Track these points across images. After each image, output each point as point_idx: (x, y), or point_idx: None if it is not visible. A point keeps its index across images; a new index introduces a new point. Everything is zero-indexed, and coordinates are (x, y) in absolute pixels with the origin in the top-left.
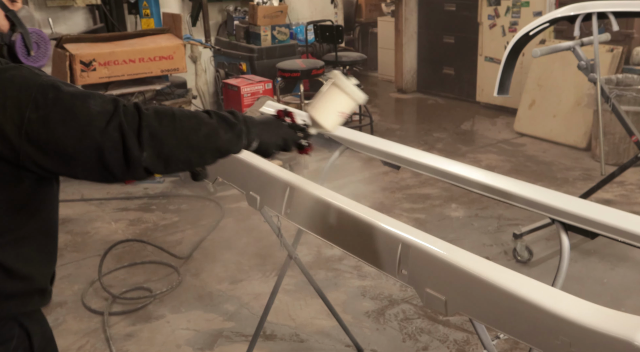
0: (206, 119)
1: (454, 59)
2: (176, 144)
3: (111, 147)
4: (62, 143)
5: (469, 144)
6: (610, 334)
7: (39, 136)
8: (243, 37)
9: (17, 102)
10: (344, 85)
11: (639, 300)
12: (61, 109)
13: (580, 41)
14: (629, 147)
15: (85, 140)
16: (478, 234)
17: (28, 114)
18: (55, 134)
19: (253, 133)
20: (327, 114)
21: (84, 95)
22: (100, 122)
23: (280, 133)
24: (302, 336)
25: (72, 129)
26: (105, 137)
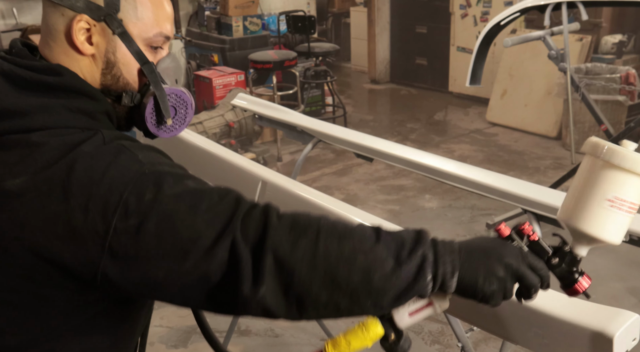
0: (368, 243)
1: (426, 49)
2: (314, 278)
3: (214, 276)
4: (151, 265)
5: (442, 135)
6: (583, 326)
7: (126, 252)
8: (214, 28)
9: (103, 205)
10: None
11: (610, 287)
12: (158, 218)
13: (551, 31)
14: (598, 135)
15: (182, 264)
16: (452, 224)
17: (115, 223)
18: (145, 252)
19: (446, 266)
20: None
21: (194, 195)
22: (207, 239)
23: (502, 256)
24: (277, 331)
25: (167, 247)
26: (210, 261)
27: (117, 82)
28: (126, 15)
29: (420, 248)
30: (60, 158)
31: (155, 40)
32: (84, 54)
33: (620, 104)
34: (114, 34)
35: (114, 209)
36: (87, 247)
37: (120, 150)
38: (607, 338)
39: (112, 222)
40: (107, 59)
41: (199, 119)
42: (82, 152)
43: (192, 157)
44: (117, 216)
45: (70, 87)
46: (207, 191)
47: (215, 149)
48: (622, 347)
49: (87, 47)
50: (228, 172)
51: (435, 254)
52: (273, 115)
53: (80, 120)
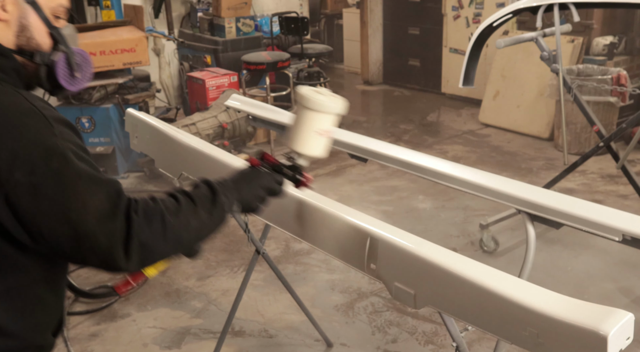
0: (192, 209)
1: (419, 50)
2: (167, 247)
3: (92, 249)
4: (39, 220)
5: (435, 136)
6: (577, 325)
7: (18, 202)
8: (207, 29)
9: (12, 157)
10: (313, 104)
11: (602, 287)
12: (57, 186)
13: (543, 32)
14: (590, 136)
15: (65, 227)
16: (445, 225)
17: (17, 174)
18: (36, 208)
19: (232, 198)
20: (308, 141)
21: (90, 179)
22: (92, 219)
23: (260, 184)
24: (271, 332)
25: (57, 210)
26: (92, 238)
27: (29, 43)
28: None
29: (217, 197)
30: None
31: (57, 10)
32: None
33: (611, 105)
34: (25, 2)
35: (20, 165)
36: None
37: (40, 119)
38: (602, 337)
39: (14, 175)
40: (20, 23)
41: (192, 120)
42: (4, 110)
43: (187, 158)
44: (21, 171)
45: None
46: (102, 178)
47: (210, 150)
48: (616, 345)
49: (2, 14)
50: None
51: (225, 195)
52: (267, 116)
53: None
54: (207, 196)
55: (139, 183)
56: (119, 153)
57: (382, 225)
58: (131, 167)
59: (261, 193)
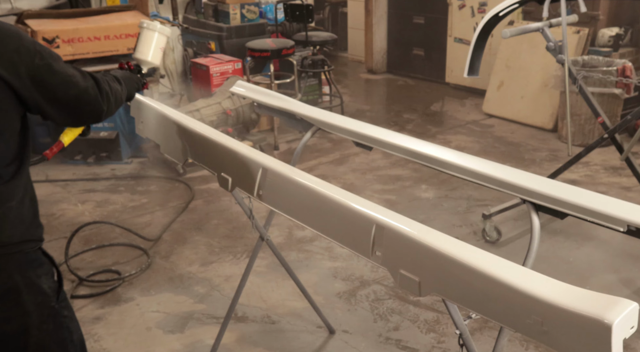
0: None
1: (423, 39)
2: (114, 98)
3: (87, 100)
4: (56, 88)
5: (438, 125)
6: (581, 313)
7: (42, 79)
8: (212, 15)
9: (28, 51)
10: (152, 26)
11: (604, 278)
12: (58, 63)
13: (549, 22)
14: (594, 128)
15: (72, 89)
16: (448, 214)
17: (37, 61)
18: (53, 80)
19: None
20: (151, 51)
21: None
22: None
23: (133, 78)
24: (273, 318)
25: (65, 79)
26: (86, 91)
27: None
28: None
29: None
30: None
31: None
32: None
33: (616, 96)
34: None
35: (34, 54)
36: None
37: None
38: (606, 325)
39: (34, 60)
40: None
41: (196, 106)
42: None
43: (192, 144)
44: (37, 58)
45: None
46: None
47: (216, 136)
48: (620, 334)
49: None
50: (228, 158)
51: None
52: (272, 103)
53: None
54: (117, 78)
55: (142, 169)
56: (123, 138)
57: (388, 212)
58: (135, 152)
59: (135, 85)
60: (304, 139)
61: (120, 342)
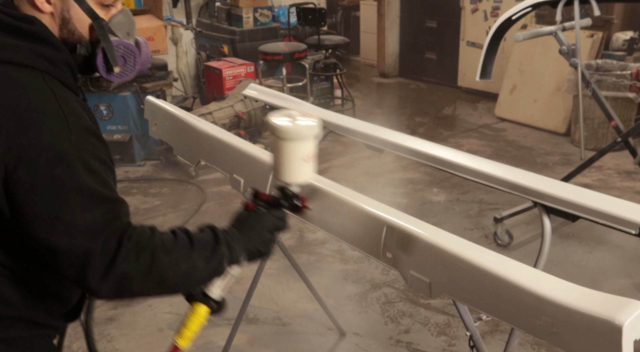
0: (187, 251)
1: (436, 43)
2: (148, 283)
3: (67, 261)
4: (28, 218)
5: (450, 129)
6: (592, 314)
7: (15, 196)
8: (225, 19)
9: (20, 154)
10: (288, 134)
11: (616, 282)
12: (53, 194)
13: (562, 26)
14: (608, 132)
15: (48, 234)
16: (459, 218)
17: (20, 172)
18: (29, 208)
19: (235, 250)
20: (293, 170)
21: (90, 194)
22: (77, 233)
23: (264, 227)
24: (284, 320)
25: (46, 216)
26: (70, 251)
27: (72, 36)
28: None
29: (218, 247)
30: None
31: (105, 0)
32: (44, 12)
33: (630, 101)
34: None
35: (27, 163)
36: None
37: (62, 123)
38: (617, 327)
39: (18, 171)
40: (62, 16)
41: (208, 109)
42: (31, 106)
43: (205, 146)
44: (25, 170)
45: (39, 35)
46: (102, 197)
47: (229, 138)
48: (631, 336)
49: (46, 6)
50: (241, 160)
51: (228, 247)
52: (284, 106)
53: (42, 64)
54: (208, 243)
55: (155, 171)
56: (136, 141)
57: (399, 214)
58: (148, 155)
59: (267, 236)
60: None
61: (132, 343)
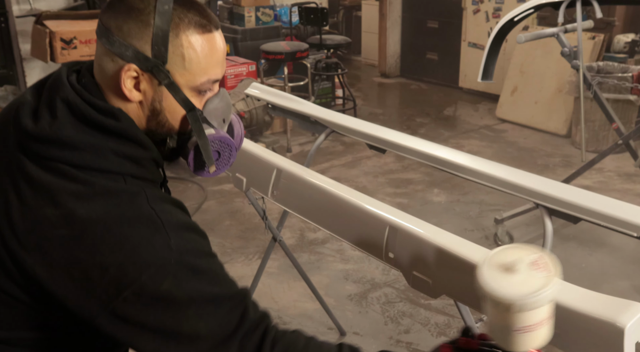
0: None
1: (437, 44)
2: None
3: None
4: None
5: (451, 130)
6: (594, 317)
7: (127, 316)
8: (227, 18)
9: (122, 275)
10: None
11: (617, 285)
12: (167, 309)
13: (564, 28)
14: (608, 134)
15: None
16: (460, 219)
17: (126, 294)
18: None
19: None
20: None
21: (207, 300)
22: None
23: None
24: (285, 319)
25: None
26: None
27: (162, 128)
28: (173, 66)
29: None
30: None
31: (202, 87)
32: (131, 101)
33: (631, 103)
34: (160, 84)
35: (129, 284)
36: (92, 301)
37: (157, 228)
38: (619, 329)
39: (123, 293)
40: (153, 107)
41: None
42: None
43: None
44: (130, 291)
45: (124, 133)
46: (221, 297)
47: None
48: (633, 338)
49: (135, 94)
50: (243, 159)
51: None
52: (286, 105)
53: (125, 166)
54: None
55: None
56: None
57: (401, 214)
58: None
59: None
60: (317, 141)
61: None
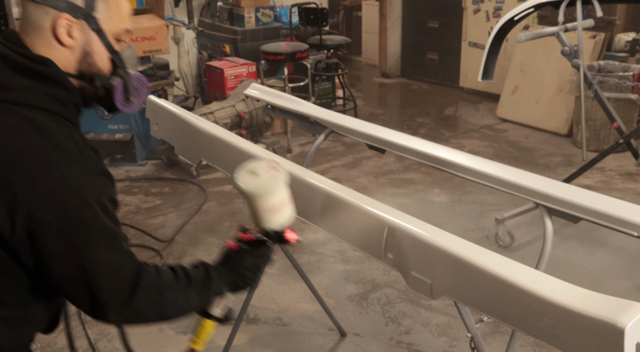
0: (184, 288)
1: (438, 44)
2: (153, 317)
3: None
4: (54, 259)
5: (452, 130)
6: (594, 317)
7: (42, 240)
8: (227, 18)
9: (48, 199)
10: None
11: (618, 285)
12: (82, 235)
13: (565, 27)
14: (610, 133)
15: (75, 273)
16: (460, 219)
17: (49, 217)
18: (57, 249)
19: (221, 285)
20: (268, 219)
21: (113, 236)
22: (103, 273)
23: (244, 266)
24: (285, 320)
25: (74, 257)
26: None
27: (91, 68)
28: (100, 14)
29: (208, 283)
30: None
31: (121, 34)
32: (65, 46)
33: (632, 102)
34: (90, 29)
35: (54, 209)
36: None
37: (83, 169)
38: (619, 329)
39: (46, 217)
40: (84, 50)
41: (210, 109)
42: (56, 151)
43: (206, 145)
44: (54, 216)
45: (54, 77)
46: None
47: (230, 138)
48: (633, 339)
49: (69, 40)
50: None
51: (216, 282)
52: (286, 106)
53: (56, 107)
54: (201, 279)
55: (157, 170)
56: (138, 140)
57: (400, 214)
58: (149, 154)
59: (248, 273)
60: (317, 141)
61: (132, 342)
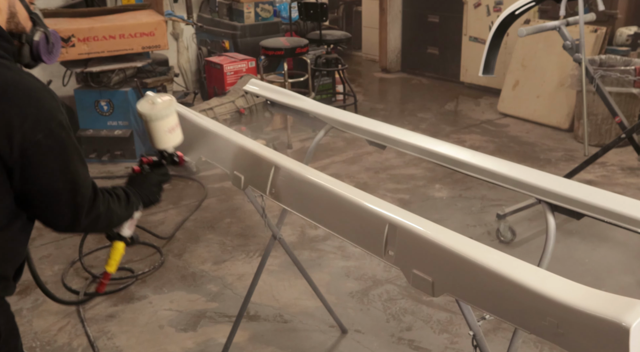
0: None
1: (438, 38)
2: (103, 223)
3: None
4: (43, 172)
5: (452, 125)
6: (598, 315)
7: (34, 157)
8: (226, 14)
9: (35, 122)
10: (149, 117)
11: (620, 280)
12: (63, 152)
13: (566, 21)
14: (611, 128)
15: (59, 182)
16: (462, 214)
17: (39, 136)
18: (46, 163)
19: (138, 201)
20: (162, 139)
21: (79, 153)
22: (81, 185)
23: (150, 182)
24: (286, 317)
25: (59, 169)
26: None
27: (17, 27)
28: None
29: (130, 199)
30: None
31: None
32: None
33: (634, 96)
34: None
35: (42, 130)
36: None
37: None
38: (624, 328)
39: (37, 136)
40: (10, 11)
41: (209, 104)
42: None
43: (206, 142)
44: (42, 135)
45: (1, 33)
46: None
47: (230, 135)
48: (638, 338)
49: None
50: (241, 157)
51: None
52: (286, 102)
53: (6, 55)
54: (126, 196)
55: None
56: (137, 136)
57: (401, 211)
58: (148, 150)
59: (154, 189)
60: (317, 137)
61: (132, 340)
